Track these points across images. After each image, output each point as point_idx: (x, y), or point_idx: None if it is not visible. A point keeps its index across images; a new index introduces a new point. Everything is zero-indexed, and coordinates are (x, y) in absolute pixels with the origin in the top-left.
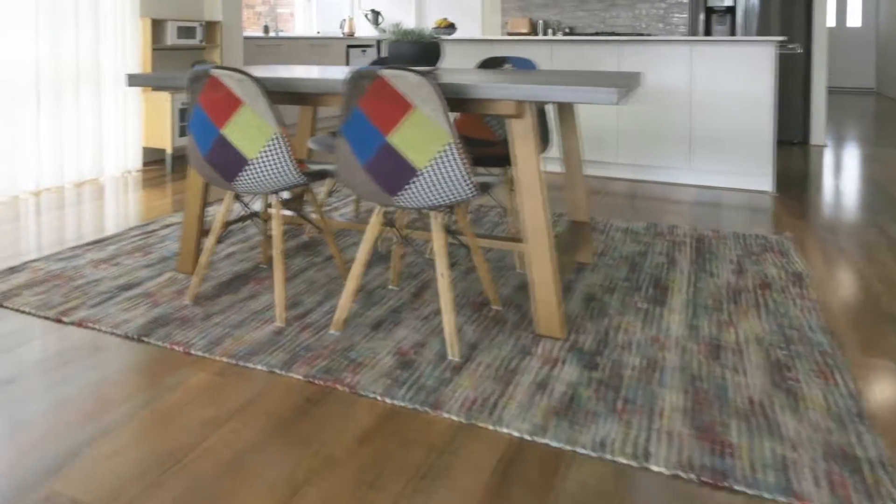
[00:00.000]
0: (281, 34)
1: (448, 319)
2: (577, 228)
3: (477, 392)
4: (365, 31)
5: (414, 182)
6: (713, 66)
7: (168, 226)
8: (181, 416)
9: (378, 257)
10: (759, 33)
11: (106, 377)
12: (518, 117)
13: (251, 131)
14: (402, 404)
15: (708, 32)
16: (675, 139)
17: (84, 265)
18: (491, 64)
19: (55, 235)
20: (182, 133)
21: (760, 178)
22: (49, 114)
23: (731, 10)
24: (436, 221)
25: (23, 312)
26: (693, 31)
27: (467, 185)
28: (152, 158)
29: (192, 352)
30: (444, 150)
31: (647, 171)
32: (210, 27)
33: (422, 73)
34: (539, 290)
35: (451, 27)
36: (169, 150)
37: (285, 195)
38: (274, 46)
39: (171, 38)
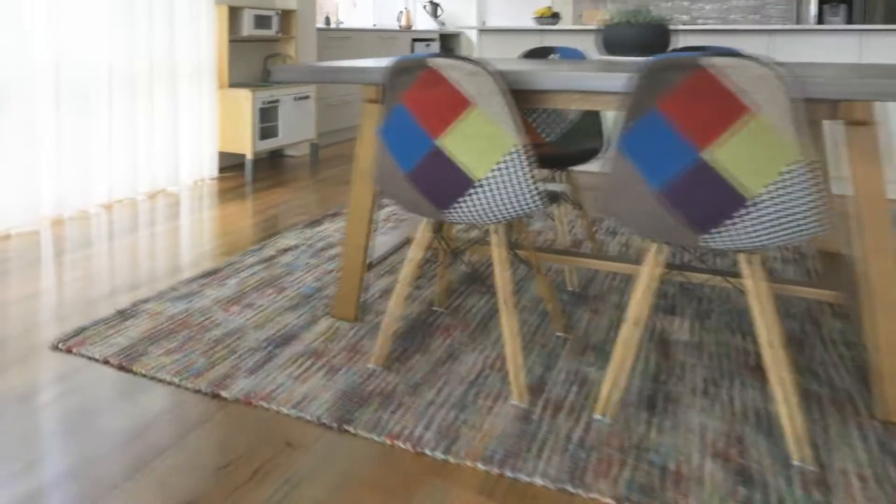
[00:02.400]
0: (341, 26)
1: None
2: (829, 261)
3: None
4: (422, 23)
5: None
6: (890, 57)
7: (285, 250)
8: None
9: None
10: (886, 22)
11: (332, 498)
12: (862, 124)
13: (480, 143)
14: None
15: (820, 23)
16: None
17: (210, 307)
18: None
19: (152, 263)
20: (263, 136)
21: None
22: (122, 116)
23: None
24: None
25: (162, 382)
26: (799, 23)
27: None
28: (226, 164)
29: (426, 451)
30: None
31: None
32: (286, 16)
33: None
34: (890, 361)
35: (554, 17)
36: (249, 156)
37: None
38: (343, 39)
39: (247, 28)
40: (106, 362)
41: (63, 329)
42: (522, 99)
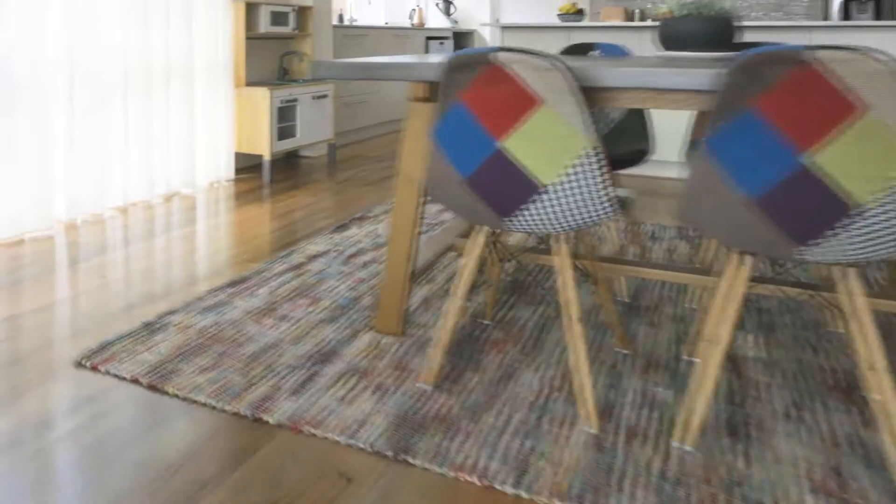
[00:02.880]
0: (354, 23)
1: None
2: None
3: None
4: (434, 21)
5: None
6: None
7: (314, 257)
8: None
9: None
10: None
11: None
12: None
13: (549, 145)
14: None
15: (846, 20)
16: None
17: (241, 319)
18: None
19: (174, 272)
20: (281, 136)
21: None
22: (137, 115)
23: None
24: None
25: (197, 403)
26: (825, 20)
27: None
28: (241, 165)
29: (495, 485)
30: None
31: None
32: (302, 13)
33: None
34: None
35: (578, 14)
36: (267, 157)
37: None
38: (359, 37)
39: (264, 25)
40: (135, 381)
41: (85, 344)
42: (585, 97)
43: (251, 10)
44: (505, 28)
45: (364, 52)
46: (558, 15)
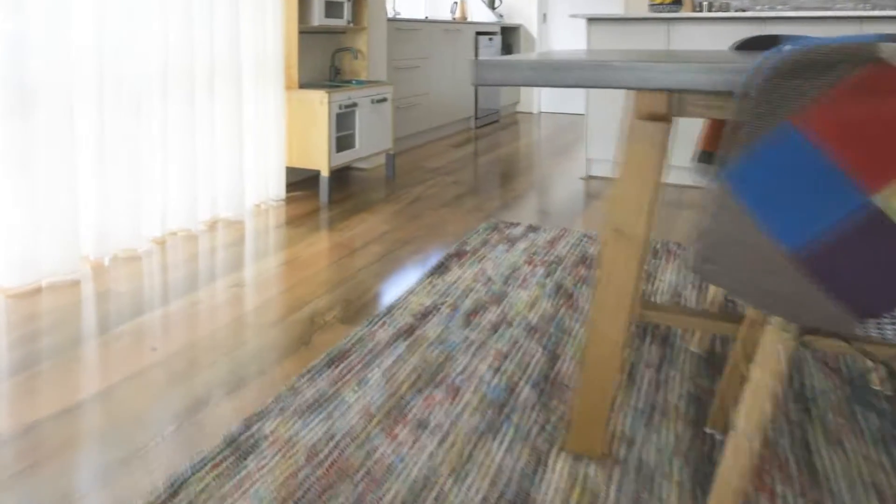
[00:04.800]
0: (398, 17)
1: None
2: None
3: None
4: (477, 15)
5: None
6: None
7: (422, 316)
8: None
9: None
10: None
11: None
12: None
13: None
14: None
15: None
16: None
17: (363, 427)
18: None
19: (244, 339)
20: (340, 147)
21: None
22: (177, 126)
23: None
24: None
25: None
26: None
27: None
28: (290, 180)
29: None
30: None
31: None
32: (357, 4)
33: None
34: None
35: (675, 3)
36: (325, 172)
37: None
38: (411, 31)
39: (318, 17)
40: None
41: (144, 480)
42: None
43: (303, 1)
44: (592, 21)
45: (418, 49)
46: (650, 5)
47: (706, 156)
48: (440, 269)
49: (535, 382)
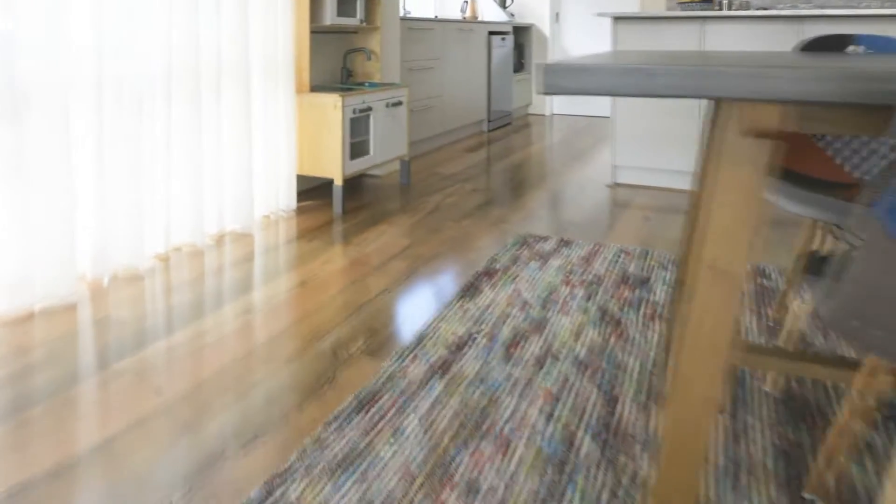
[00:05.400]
0: (409, 16)
1: None
2: None
3: None
4: (488, 14)
5: None
6: None
7: (457, 348)
8: None
9: None
10: None
11: None
12: None
13: None
14: None
15: None
16: None
17: (404, 491)
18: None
19: (261, 379)
20: (354, 154)
21: None
22: (181, 131)
23: None
24: None
25: None
26: None
27: None
28: (300, 189)
29: None
30: None
31: None
32: (370, 3)
33: None
34: None
35: (706, 1)
36: (338, 181)
37: None
38: (424, 31)
39: (330, 15)
40: None
41: None
42: None
43: (315, 0)
44: (617, 19)
45: (431, 50)
46: (679, 3)
47: (792, 176)
48: (470, 290)
49: (596, 432)
